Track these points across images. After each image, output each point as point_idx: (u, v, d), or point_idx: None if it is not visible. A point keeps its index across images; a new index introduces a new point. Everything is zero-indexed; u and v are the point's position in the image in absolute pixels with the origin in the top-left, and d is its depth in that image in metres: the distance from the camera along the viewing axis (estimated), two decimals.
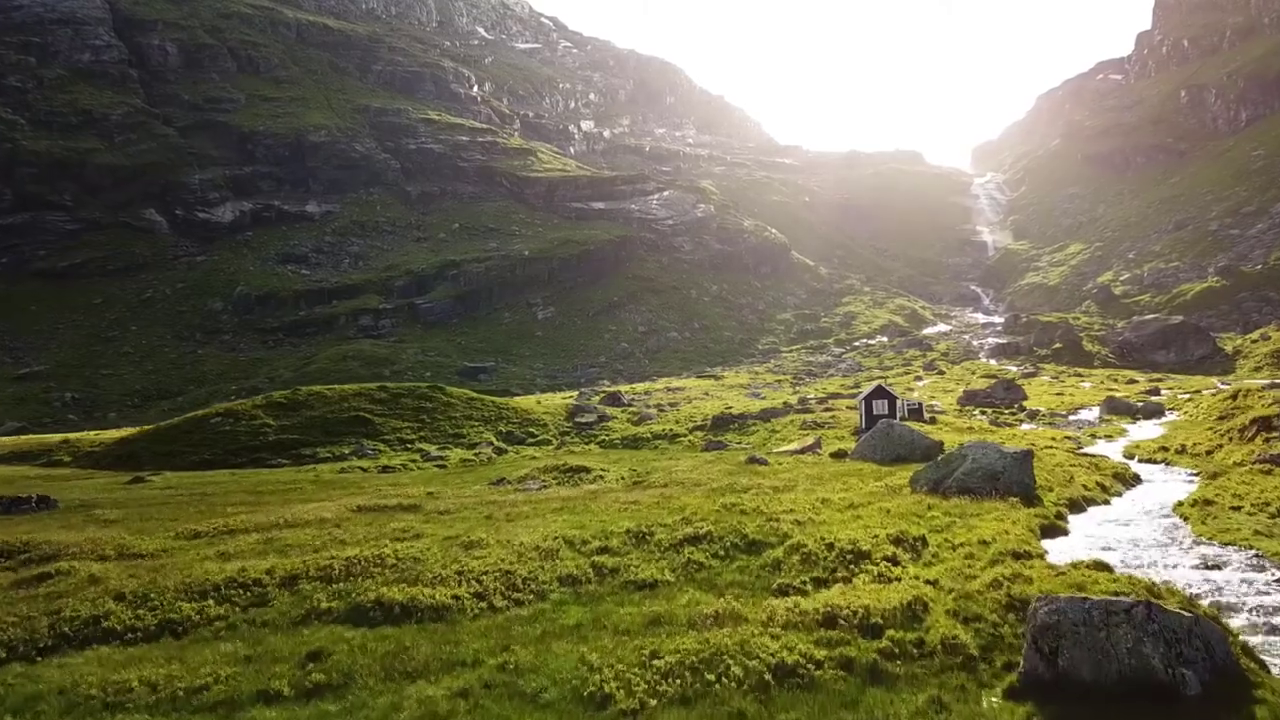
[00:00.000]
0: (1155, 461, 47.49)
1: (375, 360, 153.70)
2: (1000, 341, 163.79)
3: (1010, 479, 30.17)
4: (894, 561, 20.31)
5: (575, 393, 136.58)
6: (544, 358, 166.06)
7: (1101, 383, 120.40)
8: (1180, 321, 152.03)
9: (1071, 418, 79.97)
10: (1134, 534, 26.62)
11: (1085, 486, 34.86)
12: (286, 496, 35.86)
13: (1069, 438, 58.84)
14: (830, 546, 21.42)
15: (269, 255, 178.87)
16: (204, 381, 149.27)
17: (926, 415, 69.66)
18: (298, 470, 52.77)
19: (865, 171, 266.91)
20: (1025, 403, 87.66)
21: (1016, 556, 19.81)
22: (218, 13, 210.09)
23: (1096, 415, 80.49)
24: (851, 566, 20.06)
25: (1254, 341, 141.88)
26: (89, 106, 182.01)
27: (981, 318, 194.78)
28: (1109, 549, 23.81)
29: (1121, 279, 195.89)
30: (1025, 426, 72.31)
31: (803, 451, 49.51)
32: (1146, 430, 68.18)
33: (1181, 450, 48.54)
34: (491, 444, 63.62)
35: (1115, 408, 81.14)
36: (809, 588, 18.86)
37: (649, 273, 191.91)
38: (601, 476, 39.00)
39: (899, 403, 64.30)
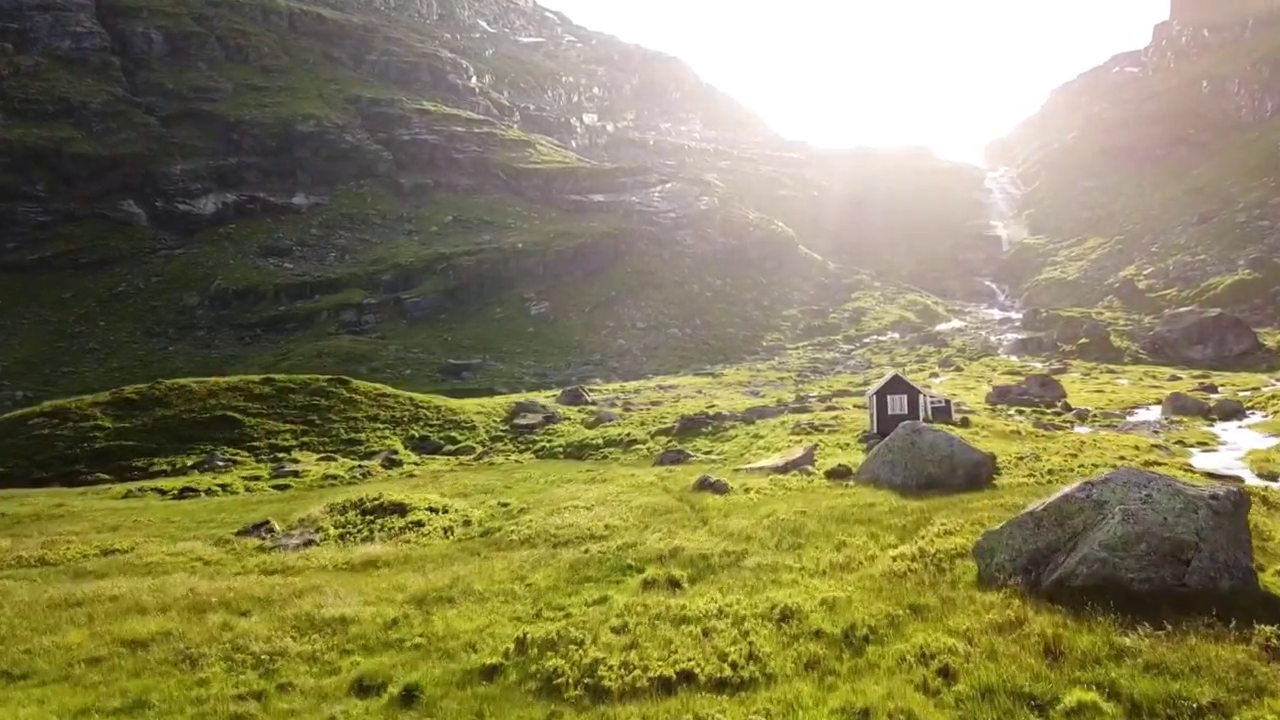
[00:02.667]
0: None
1: (352, 357, 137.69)
2: (1020, 337, 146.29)
3: (1215, 558, 12.61)
4: None
5: (559, 391, 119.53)
6: (535, 355, 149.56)
7: (1140, 379, 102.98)
8: (1218, 315, 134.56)
9: (1130, 419, 61.90)
10: None
11: None
12: None
13: (1156, 446, 40.75)
14: None
15: (250, 248, 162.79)
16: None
17: (956, 416, 51.94)
18: (57, 495, 35.63)
19: (875, 166, 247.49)
20: (1066, 400, 69.48)
21: None
22: (206, 0, 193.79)
23: (1160, 416, 62.51)
24: None
25: None
26: (66, 94, 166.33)
27: (997, 313, 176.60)
28: None
29: (1145, 273, 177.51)
30: (1079, 430, 54.48)
31: (785, 469, 31.95)
32: (1236, 434, 50.43)
33: None
34: (393, 453, 46.50)
35: (1183, 407, 62.93)
36: None
37: (649, 267, 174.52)
38: (421, 524, 21.68)
39: (922, 399, 46.45)
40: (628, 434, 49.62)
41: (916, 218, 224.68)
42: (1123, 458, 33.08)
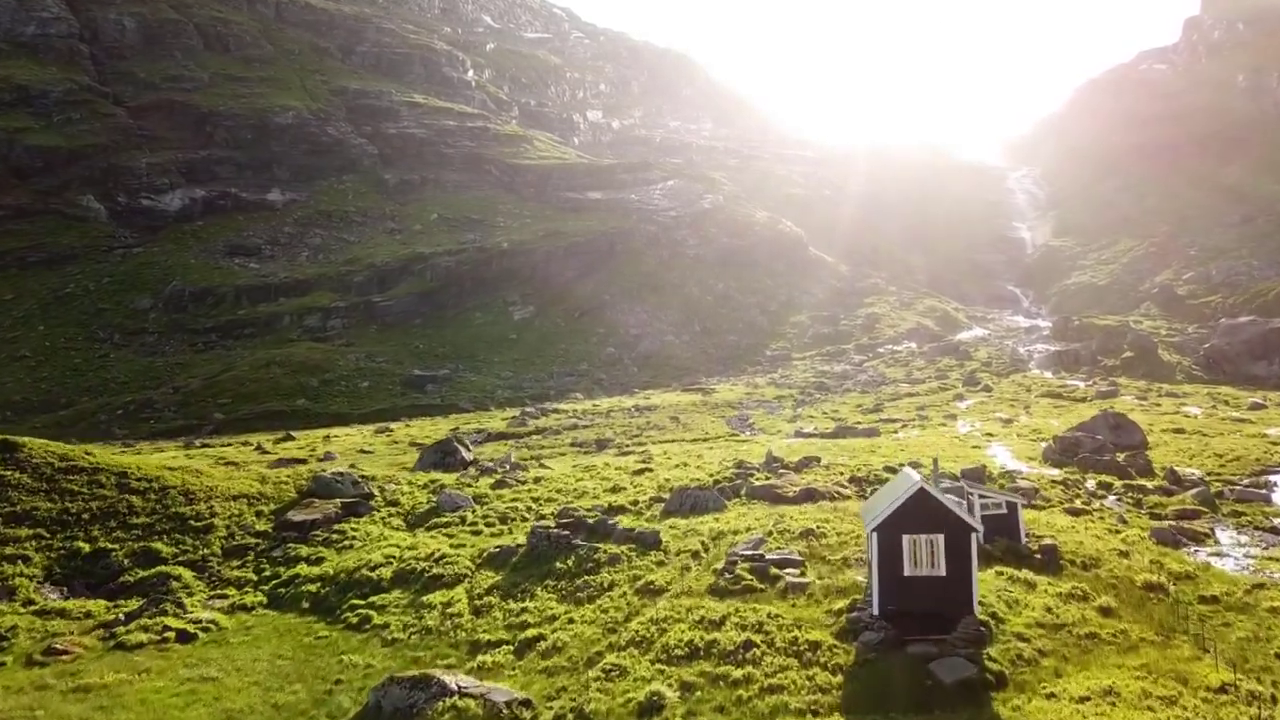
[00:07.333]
0: None
1: (305, 367, 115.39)
2: (1053, 349, 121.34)
3: None
4: None
5: (518, 410, 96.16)
6: (515, 364, 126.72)
7: (1213, 407, 78.93)
8: None
9: (1276, 496, 37.41)
10: None
11: None
12: None
13: None
14: None
15: (216, 247, 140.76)
16: (102, 391, 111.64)
17: (1028, 540, 27.46)
18: None
19: (891, 165, 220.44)
20: (1171, 469, 44.25)
21: None
22: None
23: None
24: None
25: None
26: (25, 82, 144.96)
27: (1023, 321, 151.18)
28: None
29: (1184, 277, 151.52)
30: (1227, 541, 29.87)
31: None
32: None
33: None
34: (8, 593, 23.06)
35: None
36: None
37: (646, 268, 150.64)
38: None
39: (973, 537, 21.92)
40: (442, 557, 26.29)
41: (934, 219, 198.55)
42: None
